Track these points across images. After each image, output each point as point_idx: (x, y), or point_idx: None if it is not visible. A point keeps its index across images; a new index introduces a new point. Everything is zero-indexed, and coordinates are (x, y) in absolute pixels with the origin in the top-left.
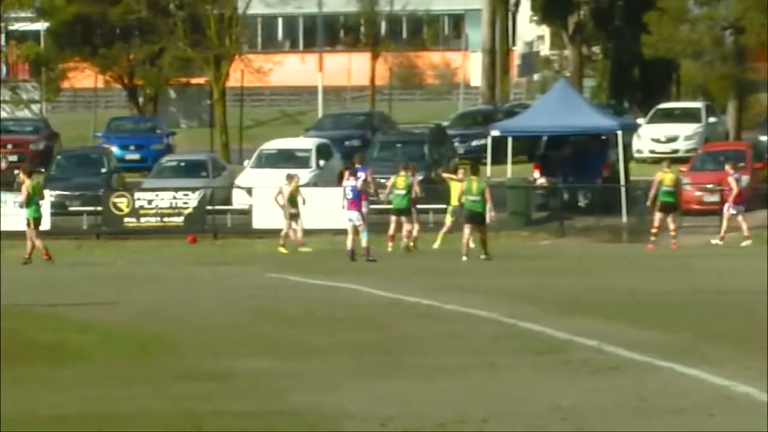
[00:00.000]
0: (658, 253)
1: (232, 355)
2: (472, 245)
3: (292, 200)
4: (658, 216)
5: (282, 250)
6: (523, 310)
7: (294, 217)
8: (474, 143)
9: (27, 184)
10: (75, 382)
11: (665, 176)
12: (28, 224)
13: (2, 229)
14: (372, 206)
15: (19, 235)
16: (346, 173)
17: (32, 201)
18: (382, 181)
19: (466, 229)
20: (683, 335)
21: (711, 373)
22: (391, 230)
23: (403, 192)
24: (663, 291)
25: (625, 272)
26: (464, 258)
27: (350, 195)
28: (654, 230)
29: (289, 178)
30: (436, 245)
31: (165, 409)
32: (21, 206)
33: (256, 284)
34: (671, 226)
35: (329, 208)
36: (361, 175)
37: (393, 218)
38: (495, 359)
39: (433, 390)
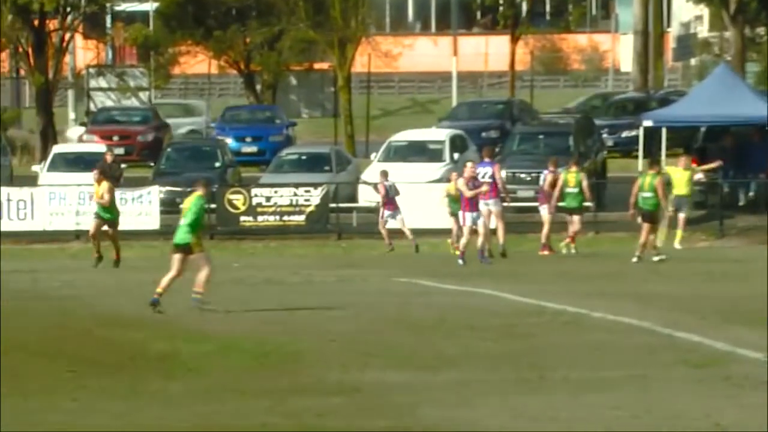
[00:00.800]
0: None
1: (359, 366)
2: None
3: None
4: None
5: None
6: (679, 319)
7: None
8: (624, 134)
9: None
10: (187, 396)
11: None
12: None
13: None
14: (512, 204)
15: (134, 235)
16: (468, 167)
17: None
18: (522, 176)
19: (645, 228)
20: None
21: None
22: (570, 230)
23: (576, 190)
24: None
25: None
26: (635, 260)
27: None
28: None
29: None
30: (676, 244)
31: (284, 426)
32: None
33: (384, 289)
34: None
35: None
36: (483, 171)
37: (570, 218)
38: (647, 372)
39: (579, 405)
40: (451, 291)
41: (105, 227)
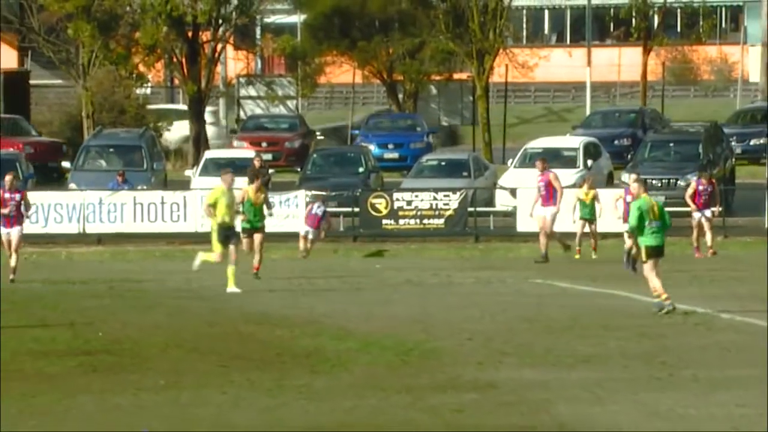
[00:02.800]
0: None
1: (494, 364)
2: None
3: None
4: None
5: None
6: None
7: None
8: (752, 142)
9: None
10: (331, 391)
11: None
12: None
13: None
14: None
15: (281, 237)
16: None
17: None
18: (654, 182)
19: None
20: None
21: None
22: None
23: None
24: None
25: None
26: None
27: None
28: None
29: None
30: None
31: (423, 421)
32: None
33: (520, 290)
34: None
35: (598, 211)
36: (541, 182)
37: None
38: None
39: (707, 404)
40: (586, 292)
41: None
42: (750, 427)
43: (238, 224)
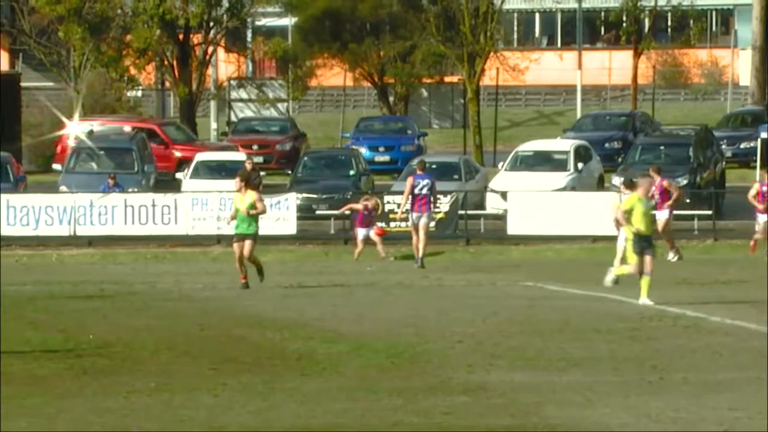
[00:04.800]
0: None
1: (485, 367)
2: None
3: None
4: None
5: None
6: None
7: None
8: (743, 146)
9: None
10: (322, 394)
11: None
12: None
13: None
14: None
15: (272, 240)
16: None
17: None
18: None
19: None
20: None
21: None
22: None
23: None
24: None
25: None
26: None
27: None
28: None
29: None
30: None
31: (414, 424)
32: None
33: (511, 293)
34: None
35: (588, 213)
36: (420, 183)
37: None
38: (765, 375)
39: (698, 407)
40: (577, 295)
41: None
42: (742, 429)
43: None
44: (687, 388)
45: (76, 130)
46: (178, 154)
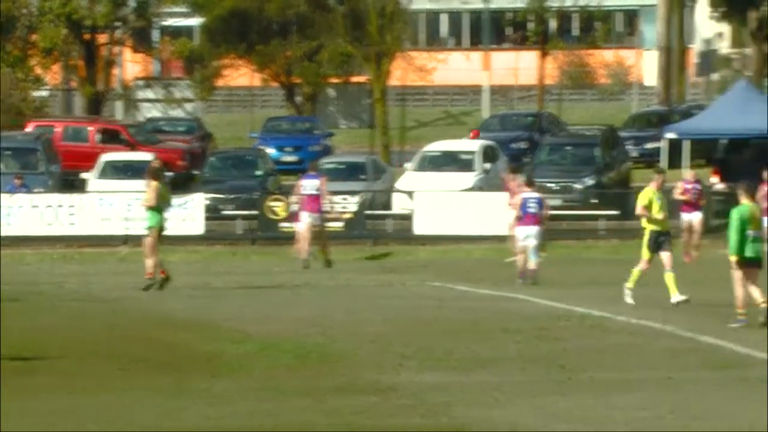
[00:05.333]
0: None
1: (394, 367)
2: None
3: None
4: None
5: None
6: (702, 323)
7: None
8: (648, 146)
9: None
10: (231, 395)
11: None
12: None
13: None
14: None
15: (179, 240)
16: (512, 181)
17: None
18: (551, 185)
19: None
20: None
21: None
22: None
23: None
24: None
25: None
26: None
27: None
28: None
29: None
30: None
31: (323, 424)
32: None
33: (420, 293)
34: None
35: (496, 213)
36: (308, 183)
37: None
38: (671, 374)
39: (606, 406)
40: (485, 296)
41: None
42: (649, 428)
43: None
44: (594, 387)
45: None
46: None
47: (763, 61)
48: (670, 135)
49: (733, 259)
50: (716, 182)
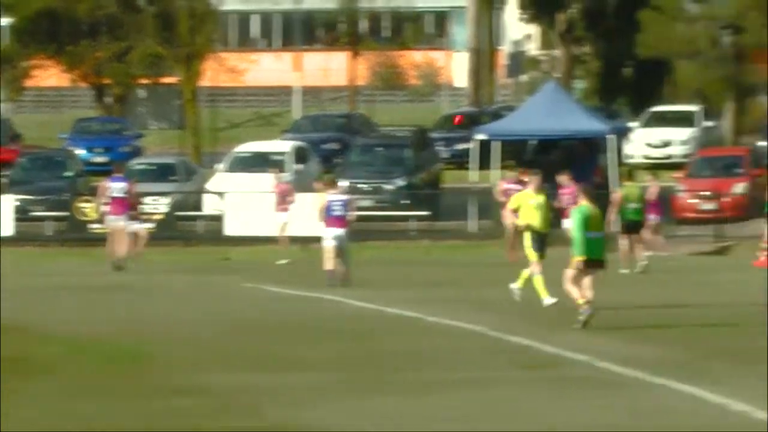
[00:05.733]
0: (658, 265)
1: (209, 369)
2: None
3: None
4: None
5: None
6: (512, 324)
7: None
8: (458, 147)
9: None
10: (41, 397)
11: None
12: None
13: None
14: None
15: None
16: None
17: None
18: (362, 186)
19: (624, 240)
20: (678, 351)
21: (707, 390)
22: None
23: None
24: (656, 305)
25: (621, 287)
26: (625, 271)
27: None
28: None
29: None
30: None
31: (134, 426)
32: None
33: (232, 295)
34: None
35: (306, 215)
36: (115, 186)
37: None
38: (482, 374)
39: (417, 406)
40: (297, 297)
41: None
42: (462, 428)
43: None
44: (408, 388)
45: None
46: None
47: (571, 62)
48: (480, 136)
49: (579, 259)
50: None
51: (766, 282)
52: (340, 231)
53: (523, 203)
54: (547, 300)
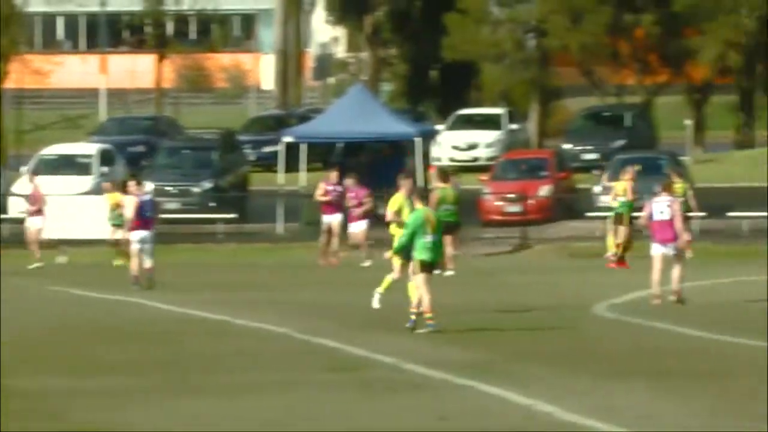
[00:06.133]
0: (461, 268)
1: (13, 373)
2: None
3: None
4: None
5: None
6: (319, 326)
7: None
8: (266, 150)
9: None
10: None
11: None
12: None
13: None
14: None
15: None
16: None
17: None
18: (169, 189)
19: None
20: (486, 353)
21: (513, 392)
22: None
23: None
24: (465, 307)
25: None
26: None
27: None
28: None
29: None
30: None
31: None
32: None
33: (39, 298)
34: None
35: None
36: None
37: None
38: (288, 377)
39: (225, 408)
40: (103, 300)
41: None
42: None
43: None
44: (217, 391)
45: None
46: None
47: (378, 65)
48: (288, 138)
49: (418, 261)
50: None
51: (571, 284)
52: (146, 233)
53: (404, 205)
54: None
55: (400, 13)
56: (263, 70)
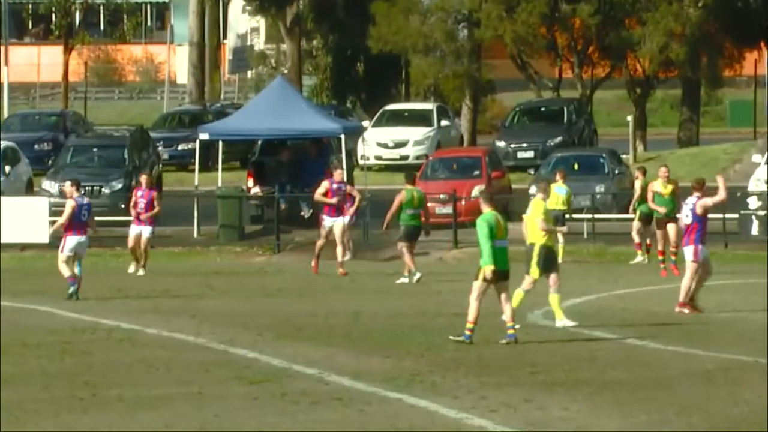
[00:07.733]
0: (389, 272)
1: None
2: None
3: None
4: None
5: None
6: (235, 336)
7: None
8: (180, 147)
9: None
10: None
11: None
12: None
13: None
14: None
15: None
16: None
17: None
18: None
19: (405, 248)
20: (415, 362)
21: (443, 404)
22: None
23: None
24: (391, 314)
25: (349, 293)
26: (416, 278)
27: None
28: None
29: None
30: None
31: None
32: None
33: None
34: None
35: (17, 219)
36: None
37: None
38: (203, 389)
39: (133, 423)
40: (5, 308)
41: None
42: None
43: None
44: (121, 405)
45: None
46: None
47: (300, 57)
48: (204, 135)
49: (489, 269)
50: (251, 186)
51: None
52: (83, 238)
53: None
54: (560, 322)
55: (324, 2)
56: (178, 62)
